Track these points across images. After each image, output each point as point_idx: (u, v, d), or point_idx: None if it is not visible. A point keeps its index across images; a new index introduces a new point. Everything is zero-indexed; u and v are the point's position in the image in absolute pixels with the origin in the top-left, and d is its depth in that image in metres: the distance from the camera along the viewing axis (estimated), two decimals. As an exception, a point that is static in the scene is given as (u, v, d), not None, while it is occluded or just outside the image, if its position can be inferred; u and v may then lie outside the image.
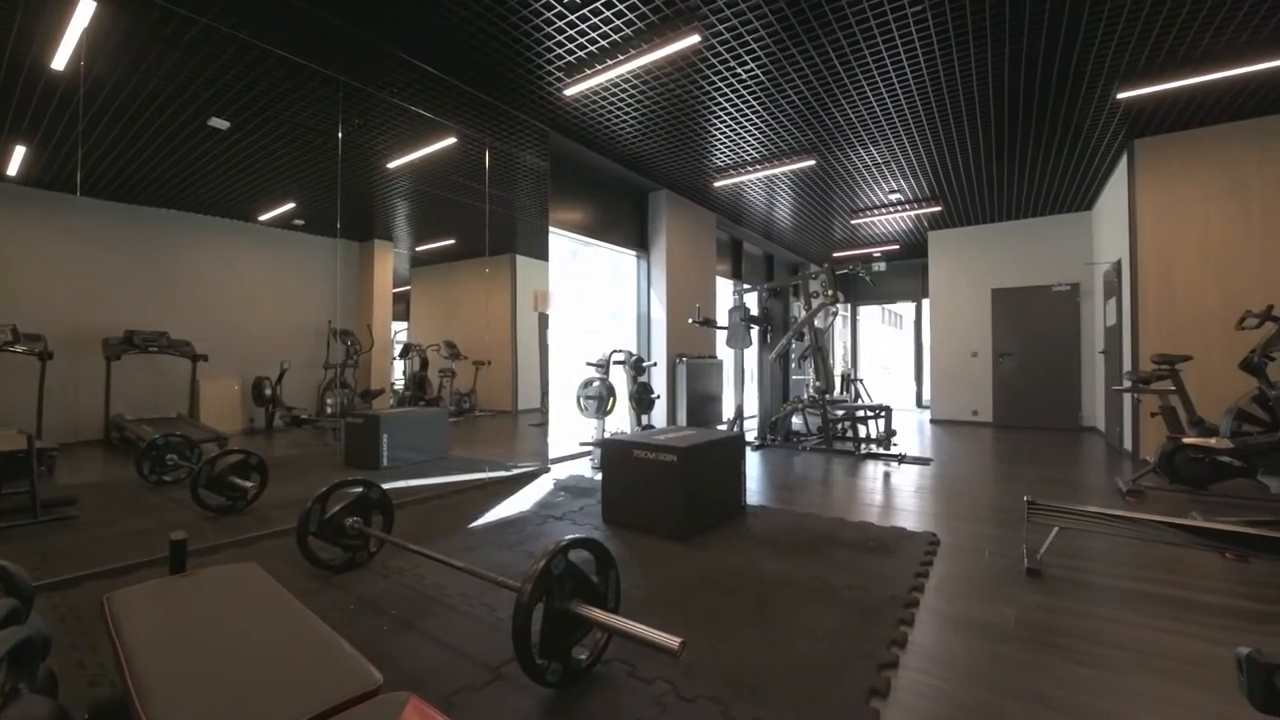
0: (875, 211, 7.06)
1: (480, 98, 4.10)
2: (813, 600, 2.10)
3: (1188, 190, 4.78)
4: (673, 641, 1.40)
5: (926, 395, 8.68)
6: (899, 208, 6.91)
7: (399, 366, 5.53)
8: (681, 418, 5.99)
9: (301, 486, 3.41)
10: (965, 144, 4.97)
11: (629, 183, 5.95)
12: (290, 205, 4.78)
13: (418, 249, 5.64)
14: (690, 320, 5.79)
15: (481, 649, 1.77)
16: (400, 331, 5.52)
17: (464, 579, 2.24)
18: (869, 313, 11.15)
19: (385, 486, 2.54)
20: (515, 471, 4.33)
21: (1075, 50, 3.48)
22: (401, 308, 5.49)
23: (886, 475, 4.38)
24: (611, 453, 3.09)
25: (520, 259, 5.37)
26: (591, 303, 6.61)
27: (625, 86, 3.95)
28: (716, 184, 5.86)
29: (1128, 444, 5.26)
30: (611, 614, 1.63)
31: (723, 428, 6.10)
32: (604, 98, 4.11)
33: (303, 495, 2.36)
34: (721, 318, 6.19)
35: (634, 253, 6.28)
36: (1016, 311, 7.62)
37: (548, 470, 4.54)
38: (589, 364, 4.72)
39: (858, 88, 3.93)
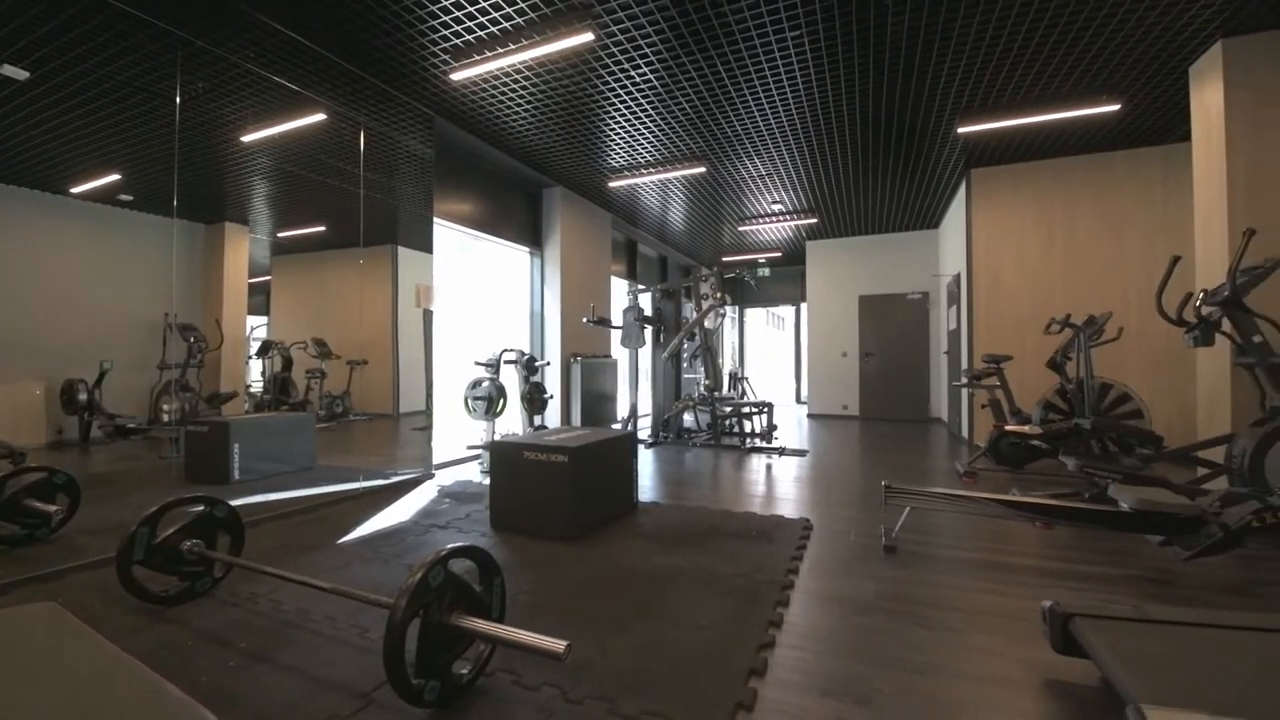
0: (760, 220, 7.51)
1: (355, 73, 3.77)
2: (699, 590, 2.17)
3: (1009, 214, 5.62)
4: (558, 645, 1.37)
5: (805, 392, 9.40)
6: (781, 218, 7.41)
7: (257, 367, 4.92)
8: (576, 417, 5.95)
9: (127, 507, 2.91)
10: (838, 163, 5.44)
11: (522, 177, 5.81)
12: (115, 177, 4.05)
13: (280, 235, 5.04)
14: (585, 320, 5.78)
15: (351, 674, 1.61)
16: (259, 328, 4.90)
17: (331, 600, 2.04)
18: (755, 315, 11.85)
19: (235, 503, 2.24)
20: (395, 479, 4.04)
21: (925, 87, 3.95)
22: (260, 301, 4.87)
23: (768, 467, 4.66)
24: (500, 455, 2.98)
25: (402, 251, 5.00)
26: (483, 300, 6.35)
27: (518, 78, 3.83)
28: (612, 184, 5.90)
29: (965, 432, 6.06)
30: (495, 623, 1.57)
31: (617, 426, 6.15)
32: (496, 87, 3.97)
33: (128, 517, 2.01)
34: (616, 317, 6.24)
35: (527, 249, 6.13)
36: (879, 316, 8.51)
37: (432, 476, 4.28)
38: (478, 363, 4.53)
39: (744, 102, 4.14)
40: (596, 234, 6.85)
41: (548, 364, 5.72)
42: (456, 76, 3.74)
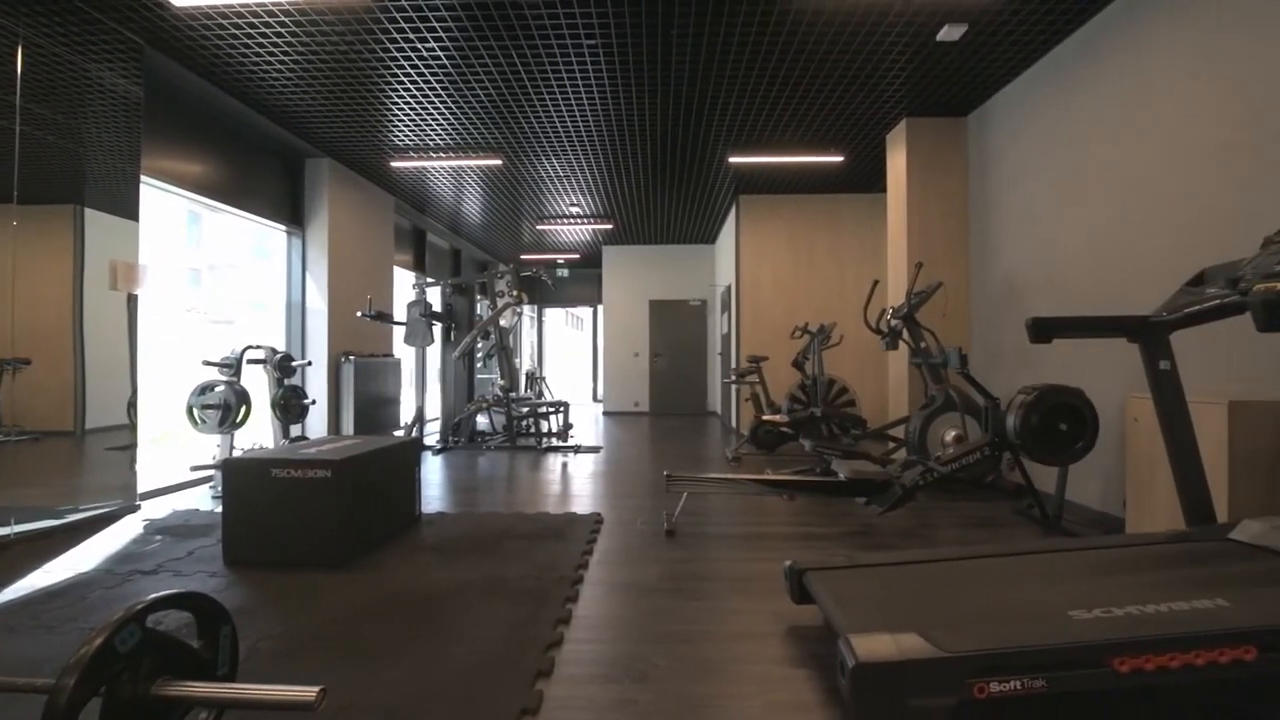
0: (559, 220, 7.58)
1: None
2: (486, 598, 2.07)
3: (768, 236, 6.61)
4: (308, 693, 1.15)
5: (601, 390, 9.78)
6: (579, 220, 7.58)
7: None
8: (348, 424, 5.24)
9: None
10: (632, 174, 5.75)
11: (279, 142, 4.90)
12: None
13: None
14: (360, 313, 5.12)
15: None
16: None
17: (-60, 698, 1.42)
18: (554, 315, 11.94)
19: None
20: (75, 518, 3.05)
21: (704, 118, 4.40)
22: None
23: (564, 466, 4.71)
24: (239, 475, 2.45)
25: (93, 215, 3.77)
26: (224, 285, 5.19)
27: (274, 24, 3.21)
28: (396, 164, 5.34)
29: (734, 423, 6.95)
30: (222, 683, 1.27)
31: (401, 433, 5.59)
32: (241, 28, 3.26)
33: None
34: (400, 312, 5.67)
35: (284, 228, 5.20)
36: (666, 319, 9.29)
37: (136, 509, 3.35)
38: (208, 363, 3.67)
39: (542, 100, 4.10)
40: (376, 217, 6.13)
41: (309, 364, 4.92)
42: (180, 2, 2.98)
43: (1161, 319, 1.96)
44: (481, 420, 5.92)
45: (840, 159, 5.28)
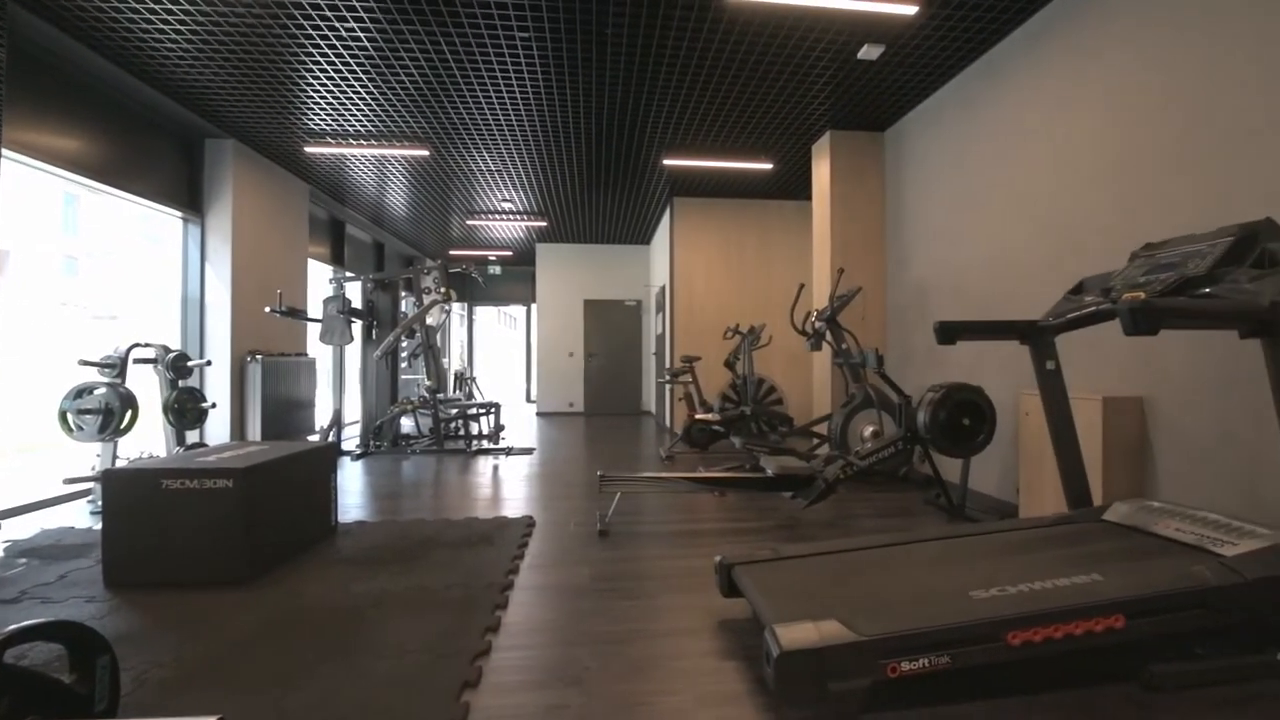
0: (491, 216, 7.36)
1: None
2: (408, 611, 1.97)
3: (702, 239, 6.74)
4: (201, 725, 1.05)
5: (535, 390, 9.60)
6: (512, 217, 7.40)
7: None
8: (254, 430, 4.84)
9: None
10: (568, 173, 5.68)
11: (174, 119, 4.45)
12: None
13: None
14: (270, 309, 4.74)
15: None
16: None
17: None
18: (487, 313, 11.61)
19: None
20: (-84, 539, 2.62)
21: (639, 119, 4.42)
22: None
23: (495, 468, 4.59)
24: (123, 487, 2.20)
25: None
26: (107, 277, 4.65)
27: (161, -16, 2.90)
28: (312, 149, 4.99)
29: (668, 422, 7.03)
30: (100, 719, 1.13)
31: (315, 438, 5.24)
32: (122, -13, 2.92)
33: None
34: (316, 309, 5.31)
35: (179, 214, 4.73)
36: (601, 319, 9.26)
37: (-2, 527, 2.93)
38: (87, 363, 3.28)
39: (473, 93, 3.97)
40: (288, 206, 5.71)
41: (208, 363, 4.50)
42: (48, -46, 2.63)
43: (1048, 324, 2.17)
44: (407, 423, 5.66)
45: (769, 166, 5.47)
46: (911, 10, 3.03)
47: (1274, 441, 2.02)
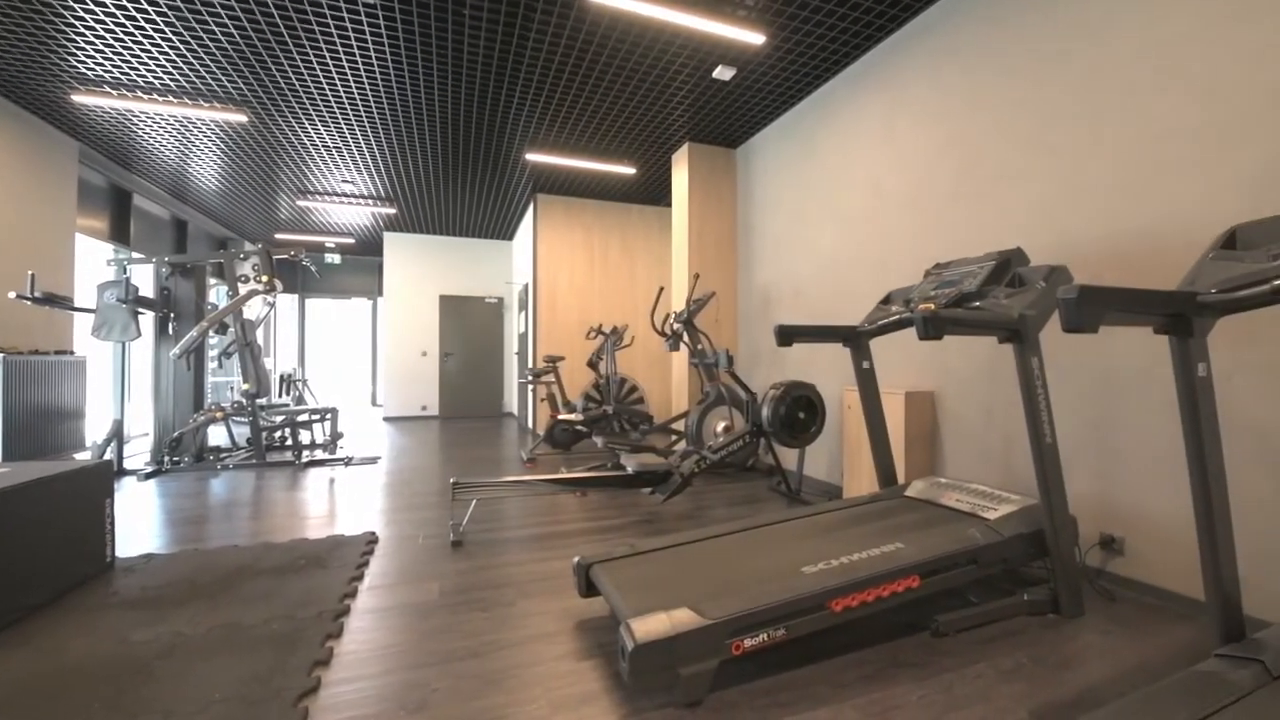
0: (328, 198, 6.58)
1: None
2: (211, 656, 1.66)
3: (565, 238, 6.68)
4: None
5: (381, 393, 8.78)
6: (354, 200, 6.69)
7: None
8: (-5, 446, 3.77)
9: None
10: (421, 159, 5.27)
11: None
12: None
13: None
14: (16, 294, 3.73)
15: None
16: None
17: None
18: (323, 306, 10.32)
19: None
20: None
21: (499, 110, 4.24)
22: None
23: (331, 481, 4.10)
24: None
25: None
26: None
27: None
28: (81, 98, 4.03)
29: (531, 423, 6.86)
30: None
31: (86, 455, 4.25)
32: None
33: None
34: (86, 296, 4.29)
35: None
36: (459, 316, 8.75)
37: None
38: None
39: (303, 54, 3.49)
40: (45, 166, 4.56)
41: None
42: None
43: (864, 329, 2.49)
44: (219, 434, 4.82)
45: (632, 171, 5.59)
46: (759, 39, 3.30)
47: (1021, 423, 2.53)
